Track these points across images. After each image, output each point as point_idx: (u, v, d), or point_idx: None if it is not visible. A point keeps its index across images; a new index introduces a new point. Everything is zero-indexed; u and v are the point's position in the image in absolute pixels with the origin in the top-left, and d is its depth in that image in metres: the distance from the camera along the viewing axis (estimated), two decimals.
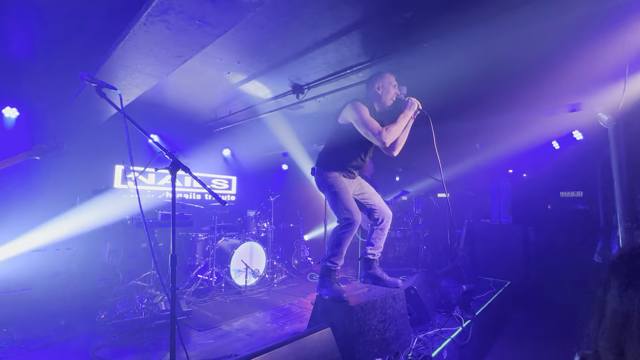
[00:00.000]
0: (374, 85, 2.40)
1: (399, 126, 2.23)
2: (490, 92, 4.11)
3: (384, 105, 2.39)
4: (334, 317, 2.18)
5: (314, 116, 5.32)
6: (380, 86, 2.38)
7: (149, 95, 4.22)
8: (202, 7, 2.00)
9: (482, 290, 4.20)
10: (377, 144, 2.22)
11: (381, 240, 2.57)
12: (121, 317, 2.86)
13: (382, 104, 2.39)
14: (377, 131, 2.18)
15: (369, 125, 2.19)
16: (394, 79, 2.41)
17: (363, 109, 2.24)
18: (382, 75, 2.41)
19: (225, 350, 2.57)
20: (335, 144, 2.42)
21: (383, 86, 2.37)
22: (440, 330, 2.83)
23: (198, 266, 4.46)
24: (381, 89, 2.37)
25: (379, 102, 2.39)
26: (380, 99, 2.38)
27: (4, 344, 2.59)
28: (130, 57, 2.69)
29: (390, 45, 3.06)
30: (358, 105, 2.26)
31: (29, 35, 3.07)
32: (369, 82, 2.46)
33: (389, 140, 2.18)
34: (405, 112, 2.27)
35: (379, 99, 2.39)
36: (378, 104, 2.40)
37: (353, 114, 2.25)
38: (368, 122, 2.20)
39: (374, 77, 2.44)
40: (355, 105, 2.26)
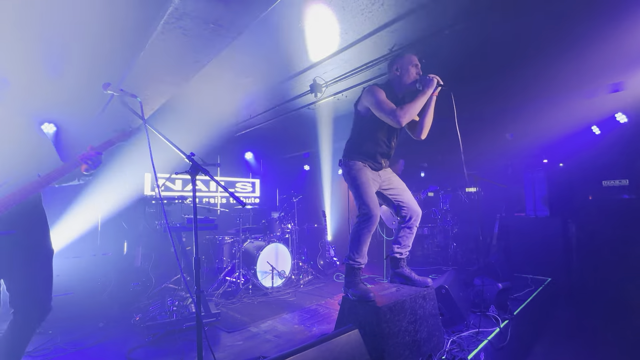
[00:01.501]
0: (392, 67, 2.33)
1: (416, 104, 2.13)
2: (520, 76, 3.86)
3: (405, 86, 2.29)
4: (362, 318, 2.11)
5: (333, 114, 5.26)
6: (399, 67, 2.29)
7: (172, 103, 4.35)
8: (215, 10, 2.01)
9: (520, 288, 3.96)
10: (393, 124, 2.13)
11: (409, 239, 2.47)
12: (154, 319, 2.95)
13: (402, 85, 2.29)
14: (390, 110, 2.11)
15: (382, 106, 2.14)
16: (415, 59, 2.30)
17: (378, 91, 2.18)
18: (400, 56, 2.33)
19: (253, 352, 2.57)
20: (358, 133, 2.36)
21: (402, 66, 2.29)
22: (475, 331, 2.68)
23: (225, 268, 4.54)
24: (400, 69, 2.29)
25: (400, 84, 2.30)
26: (400, 81, 2.29)
27: (49, 345, 2.75)
28: (151, 66, 2.77)
29: (407, 37, 2.95)
30: (373, 88, 2.21)
31: (61, 53, 3.25)
32: (388, 65, 2.40)
33: (404, 119, 2.09)
34: (424, 90, 2.17)
35: (399, 81, 2.30)
36: (399, 86, 2.31)
37: (368, 98, 2.21)
38: (382, 102, 2.14)
39: (392, 59, 2.37)
40: (370, 89, 2.22)
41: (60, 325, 3.20)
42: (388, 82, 2.37)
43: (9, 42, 2.78)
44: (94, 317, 3.40)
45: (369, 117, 2.27)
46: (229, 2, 1.92)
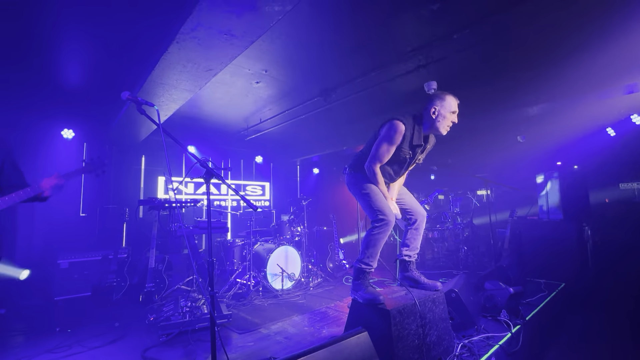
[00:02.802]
0: (429, 106, 2.16)
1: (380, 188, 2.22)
2: (531, 78, 3.83)
3: (436, 132, 2.20)
4: (371, 321, 2.13)
5: (344, 118, 5.31)
6: (437, 111, 2.13)
7: (185, 109, 4.48)
8: (228, 20, 2.08)
9: (532, 293, 3.89)
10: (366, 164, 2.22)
11: (416, 240, 2.48)
12: (168, 319, 3.02)
13: (433, 129, 2.18)
14: (376, 159, 2.17)
15: (378, 147, 2.16)
16: (456, 105, 2.15)
17: (394, 136, 2.11)
18: (442, 97, 2.14)
19: (264, 353, 2.62)
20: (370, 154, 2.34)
21: (440, 112, 2.13)
22: (486, 336, 2.66)
23: (236, 270, 4.60)
24: (437, 114, 2.13)
25: (432, 128, 2.18)
26: (433, 125, 2.16)
27: (69, 343, 2.85)
28: (167, 75, 2.87)
29: (417, 41, 2.97)
30: (394, 126, 2.11)
31: (82, 66, 3.40)
32: (428, 100, 2.21)
33: (370, 176, 2.21)
34: None
35: (432, 125, 2.16)
36: (429, 129, 2.19)
37: (384, 128, 2.17)
38: (381, 146, 2.15)
39: (434, 96, 2.18)
40: (390, 125, 2.13)
41: (79, 324, 3.33)
42: (420, 119, 2.21)
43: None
44: (111, 316, 3.51)
45: None
46: (242, 14, 1.99)
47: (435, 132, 2.23)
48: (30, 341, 2.97)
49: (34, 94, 3.93)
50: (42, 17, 2.56)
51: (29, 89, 3.78)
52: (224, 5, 1.91)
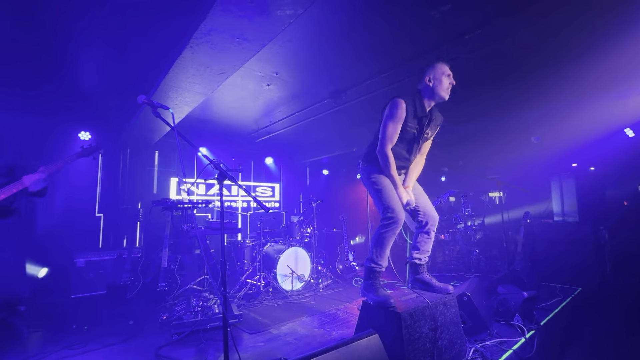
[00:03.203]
0: (425, 77, 2.25)
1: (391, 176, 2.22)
2: (545, 77, 3.76)
3: (437, 97, 2.25)
4: (381, 323, 2.13)
5: (354, 120, 5.31)
6: (432, 77, 2.22)
7: (197, 112, 4.55)
8: (241, 25, 2.11)
9: (547, 297, 3.81)
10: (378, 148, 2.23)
11: (427, 244, 2.45)
12: (180, 318, 3.07)
13: (435, 96, 2.24)
14: (386, 140, 2.18)
15: (386, 128, 2.19)
16: (447, 68, 2.24)
17: (396, 112, 2.17)
18: (433, 65, 2.26)
19: (275, 353, 2.63)
20: None
21: (435, 77, 2.22)
22: (499, 340, 2.62)
23: (247, 271, 4.65)
24: (433, 80, 2.22)
25: (432, 96, 2.24)
26: (432, 92, 2.23)
27: (86, 340, 2.93)
28: (180, 79, 2.93)
29: (427, 42, 2.96)
30: (395, 105, 2.18)
31: (98, 70, 3.50)
32: (421, 75, 2.30)
33: (380, 158, 2.22)
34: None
35: (431, 93, 2.23)
36: (430, 96, 2.25)
37: (387, 109, 2.22)
38: (387, 125, 2.18)
39: (425, 68, 2.29)
40: (391, 103, 2.21)
41: (94, 322, 3.41)
42: (418, 92, 2.29)
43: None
44: (125, 314, 3.59)
45: None
46: (254, 18, 2.02)
47: (437, 99, 2.25)
48: (49, 337, 3.07)
49: (53, 98, 4.07)
50: (63, 26, 2.66)
51: (49, 93, 3.91)
52: (236, 10, 1.94)
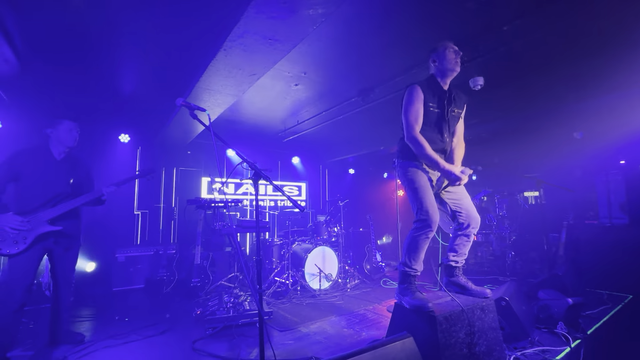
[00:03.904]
0: (429, 61, 2.25)
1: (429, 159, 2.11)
2: (590, 68, 3.49)
3: (447, 73, 2.19)
4: (415, 326, 2.07)
5: (382, 117, 5.22)
6: (436, 57, 2.20)
7: (226, 113, 4.67)
8: (273, 26, 2.14)
9: (594, 305, 3.55)
10: (405, 133, 2.15)
11: (466, 247, 2.35)
12: (213, 314, 3.17)
13: (444, 72, 2.19)
14: (410, 124, 2.11)
15: (407, 113, 2.13)
16: (448, 43, 2.20)
17: (413, 95, 2.13)
18: (433, 47, 2.24)
19: (305, 352, 2.64)
20: None
21: (438, 55, 2.19)
22: (542, 349, 2.47)
23: (275, 269, 4.72)
24: (436, 59, 2.20)
25: (442, 73, 2.20)
26: (441, 69, 2.19)
27: (127, 331, 3.10)
28: (213, 81, 3.02)
29: (463, 34, 2.84)
30: (411, 91, 2.15)
31: (136, 75, 3.69)
32: (428, 61, 2.28)
33: (410, 143, 2.14)
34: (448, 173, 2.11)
35: (440, 71, 2.20)
36: (442, 75, 2.21)
37: (404, 98, 2.18)
38: (409, 110, 2.13)
39: (428, 54, 2.28)
40: (408, 90, 2.17)
41: (134, 314, 3.61)
42: (431, 77, 2.25)
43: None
44: (162, 308, 3.77)
45: None
46: (286, 19, 2.04)
47: (448, 74, 2.20)
48: (94, 327, 3.28)
49: (97, 103, 4.34)
50: (105, 33, 2.82)
51: (92, 98, 4.17)
52: (269, 11, 1.96)
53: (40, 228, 2.33)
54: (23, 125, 4.21)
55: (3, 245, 2.20)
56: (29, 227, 2.28)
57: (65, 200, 2.47)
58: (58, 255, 2.55)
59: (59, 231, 2.43)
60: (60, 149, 2.57)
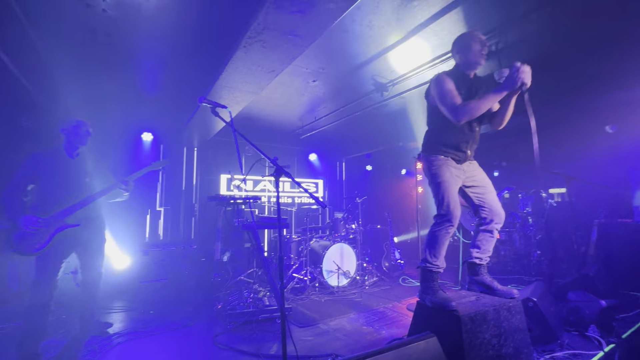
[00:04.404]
0: (453, 51, 2.16)
1: (484, 103, 1.92)
2: (626, 56, 3.28)
3: (473, 65, 2.10)
4: (439, 326, 2.02)
5: (400, 112, 5.13)
6: (460, 48, 2.11)
7: (244, 110, 4.71)
8: (293, 21, 2.12)
9: (628, 307, 3.36)
10: (451, 120, 1.99)
11: (489, 243, 2.28)
12: (234, 309, 3.23)
13: (469, 64, 2.10)
14: (451, 105, 1.96)
15: (444, 99, 1.99)
16: (476, 33, 2.10)
17: (444, 81, 2.02)
18: (459, 37, 2.14)
19: (325, 348, 2.64)
20: (436, 123, 2.20)
21: (463, 46, 2.10)
22: (572, 352, 2.37)
23: (293, 265, 4.74)
24: (461, 51, 2.11)
25: (467, 65, 2.11)
26: (466, 61, 2.10)
27: (152, 324, 3.21)
28: (232, 79, 3.04)
29: (490, 23, 2.72)
30: (439, 78, 2.05)
31: (158, 76, 3.78)
32: (451, 51, 2.20)
33: (463, 118, 1.93)
34: (501, 89, 1.91)
35: (465, 62, 2.11)
36: (467, 68, 2.12)
37: (434, 88, 2.07)
38: (445, 95, 1.99)
39: (453, 43, 2.18)
40: (436, 78, 2.07)
41: (158, 307, 3.72)
42: (457, 66, 2.17)
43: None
44: (184, 302, 3.87)
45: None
46: (306, 13, 2.01)
47: (474, 66, 2.10)
48: (121, 318, 3.41)
49: (120, 103, 4.47)
50: (129, 38, 2.89)
51: (116, 98, 4.31)
52: (289, 6, 1.95)
53: (58, 226, 2.41)
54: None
55: (25, 245, 2.30)
56: (47, 225, 2.37)
57: (83, 198, 2.55)
58: (84, 249, 2.66)
59: (81, 227, 2.52)
60: (74, 147, 2.64)
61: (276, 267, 5.18)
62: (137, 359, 2.51)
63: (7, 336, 2.91)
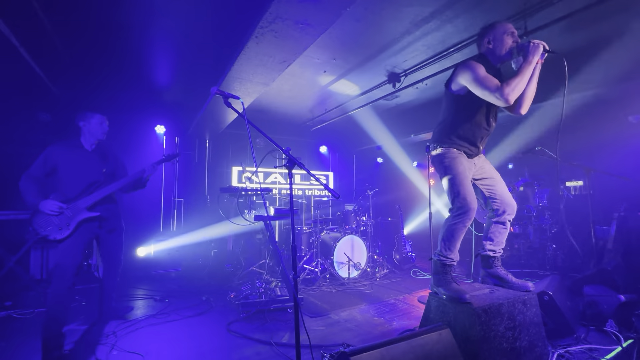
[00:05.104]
0: (484, 40, 2.06)
1: (523, 77, 1.84)
2: None
3: (501, 59, 2.03)
4: (452, 317, 2.01)
5: (412, 104, 5.04)
6: (492, 38, 2.02)
7: (255, 102, 4.72)
8: (305, 10, 2.09)
9: None
10: (499, 103, 1.88)
11: (502, 235, 2.24)
12: (246, 298, 3.28)
13: (498, 58, 2.03)
14: (494, 87, 1.85)
15: (485, 83, 1.88)
16: (510, 26, 2.02)
17: (477, 66, 1.93)
18: (492, 26, 2.05)
19: (336, 338, 2.67)
20: (453, 114, 2.13)
21: (495, 37, 2.01)
22: (588, 347, 2.32)
23: (304, 257, 4.78)
24: (492, 42, 2.02)
25: (495, 57, 2.04)
26: (494, 53, 2.02)
27: (167, 311, 3.29)
28: (244, 70, 3.04)
29: (507, 10, 2.63)
30: (470, 63, 1.95)
31: (169, 69, 3.80)
32: (478, 38, 2.11)
33: (512, 96, 1.83)
34: (528, 59, 1.85)
35: (493, 54, 2.03)
36: (495, 61, 2.05)
37: (466, 75, 1.96)
38: (484, 78, 1.89)
39: (482, 31, 2.08)
40: (467, 64, 1.97)
41: (173, 295, 3.82)
42: (482, 56, 2.08)
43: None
44: (198, 291, 3.95)
45: (465, 96, 2.04)
46: (319, 1, 1.98)
47: (500, 61, 2.04)
48: (138, 306, 3.51)
49: (134, 96, 4.54)
50: (140, 32, 2.91)
51: (129, 92, 4.37)
52: None
53: (80, 215, 2.48)
54: None
55: (49, 232, 2.36)
56: (70, 214, 2.43)
57: (101, 188, 2.61)
58: (104, 238, 2.74)
59: (100, 216, 2.59)
60: (91, 140, 2.69)
61: (288, 257, 5.25)
62: (155, 344, 2.59)
63: (30, 322, 3.04)
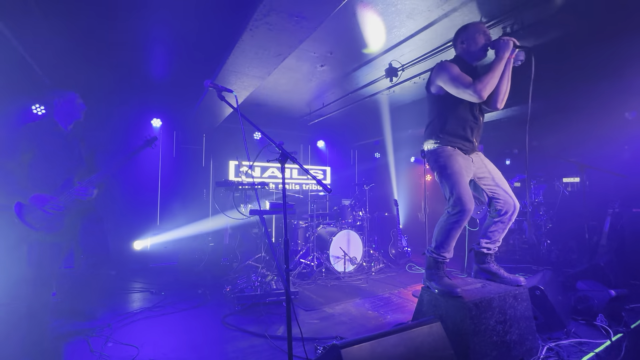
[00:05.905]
0: (457, 41, 2.13)
1: (494, 73, 1.91)
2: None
3: (475, 57, 2.09)
4: (443, 311, 2.03)
5: (409, 98, 5.03)
6: (465, 39, 2.09)
7: (251, 96, 4.69)
8: (299, 3, 2.07)
9: (639, 298, 3.31)
10: (473, 99, 1.94)
11: (501, 234, 2.25)
12: (242, 291, 3.30)
13: (473, 56, 2.08)
14: (467, 83, 1.91)
15: (458, 81, 1.94)
16: (482, 26, 2.09)
17: (451, 66, 1.99)
18: (465, 27, 2.12)
19: (330, 331, 2.69)
20: (438, 113, 2.15)
21: (468, 37, 2.08)
22: (578, 341, 2.36)
23: (300, 251, 4.80)
24: (465, 41, 2.08)
25: (469, 55, 2.09)
26: (469, 52, 2.08)
27: (163, 304, 3.31)
28: (239, 63, 3.02)
29: (503, 4, 2.61)
30: (444, 64, 2.03)
31: (165, 62, 3.77)
32: (453, 41, 2.18)
33: (485, 92, 1.89)
34: (499, 54, 1.92)
35: (467, 53, 2.09)
36: (469, 58, 2.11)
37: (441, 75, 2.02)
38: (457, 77, 1.95)
39: (456, 33, 2.15)
40: (441, 66, 2.03)
41: (170, 288, 3.84)
42: (458, 57, 2.15)
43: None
44: (194, 284, 3.97)
45: (445, 96, 2.07)
46: None
47: (476, 60, 2.11)
48: (135, 298, 3.53)
49: (130, 90, 4.50)
50: (134, 24, 2.87)
51: (124, 85, 4.33)
52: None
53: (70, 205, 2.34)
54: None
55: (47, 226, 2.25)
56: (62, 206, 2.29)
57: (84, 177, 2.44)
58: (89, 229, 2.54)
59: (87, 206, 2.47)
60: (68, 120, 2.49)
61: (281, 252, 5.27)
62: (150, 336, 2.61)
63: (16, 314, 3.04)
